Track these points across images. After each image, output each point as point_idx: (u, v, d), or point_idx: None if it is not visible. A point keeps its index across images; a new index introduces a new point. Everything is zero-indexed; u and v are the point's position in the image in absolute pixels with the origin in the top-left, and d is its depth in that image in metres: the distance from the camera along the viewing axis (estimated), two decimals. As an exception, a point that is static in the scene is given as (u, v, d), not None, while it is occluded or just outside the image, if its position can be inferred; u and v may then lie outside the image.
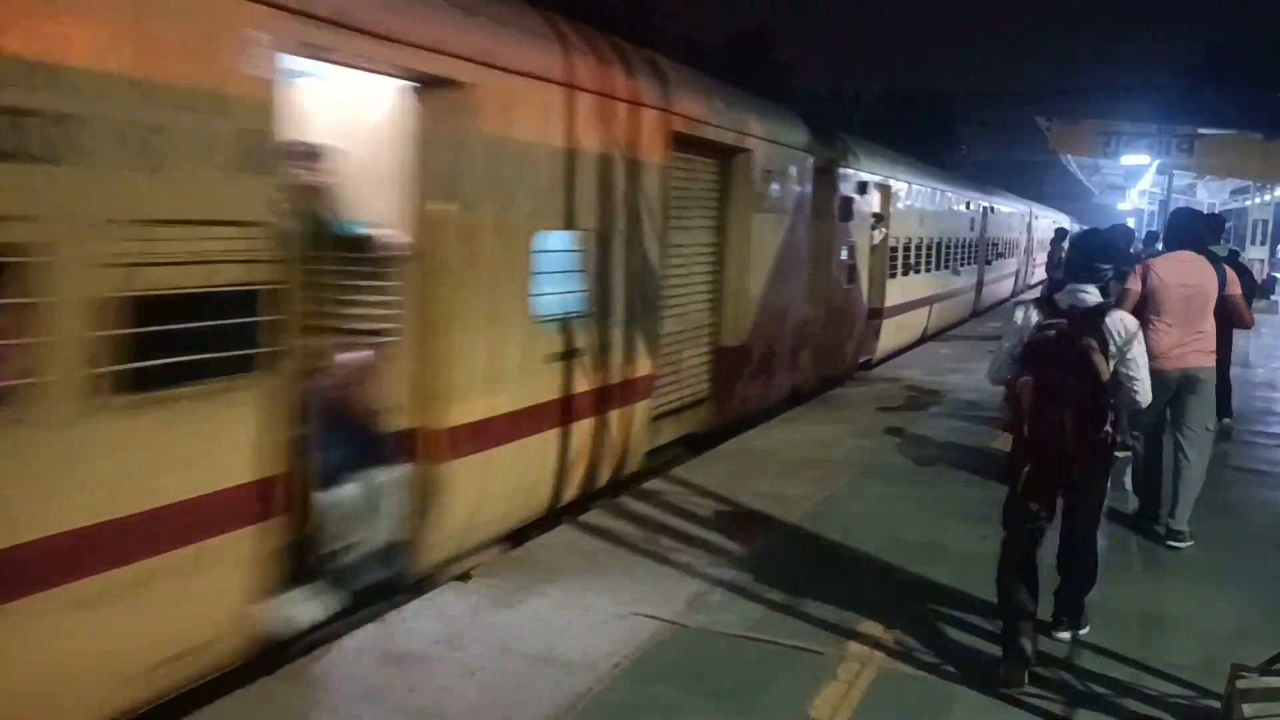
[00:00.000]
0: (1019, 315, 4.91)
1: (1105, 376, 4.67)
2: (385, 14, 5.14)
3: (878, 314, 15.27)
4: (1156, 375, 5.47)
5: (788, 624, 5.39)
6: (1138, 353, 4.85)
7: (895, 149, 17.96)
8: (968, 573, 6.12)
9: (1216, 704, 4.51)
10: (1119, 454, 6.25)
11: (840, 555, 6.52)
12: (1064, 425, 4.61)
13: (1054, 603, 5.34)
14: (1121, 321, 4.84)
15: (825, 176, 12.10)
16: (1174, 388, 6.82)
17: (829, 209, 12.31)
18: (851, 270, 13.49)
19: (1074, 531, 5.19)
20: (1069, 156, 27.71)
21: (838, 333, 13.27)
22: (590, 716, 4.39)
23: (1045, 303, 4.96)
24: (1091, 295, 4.92)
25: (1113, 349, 4.74)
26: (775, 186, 10.42)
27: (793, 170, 10.97)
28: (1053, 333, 4.70)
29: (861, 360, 14.83)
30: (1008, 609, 4.88)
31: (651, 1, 45.43)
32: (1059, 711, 4.53)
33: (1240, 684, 4.24)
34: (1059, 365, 4.64)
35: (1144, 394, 4.93)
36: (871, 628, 5.35)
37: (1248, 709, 4.06)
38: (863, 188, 13.39)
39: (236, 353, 4.35)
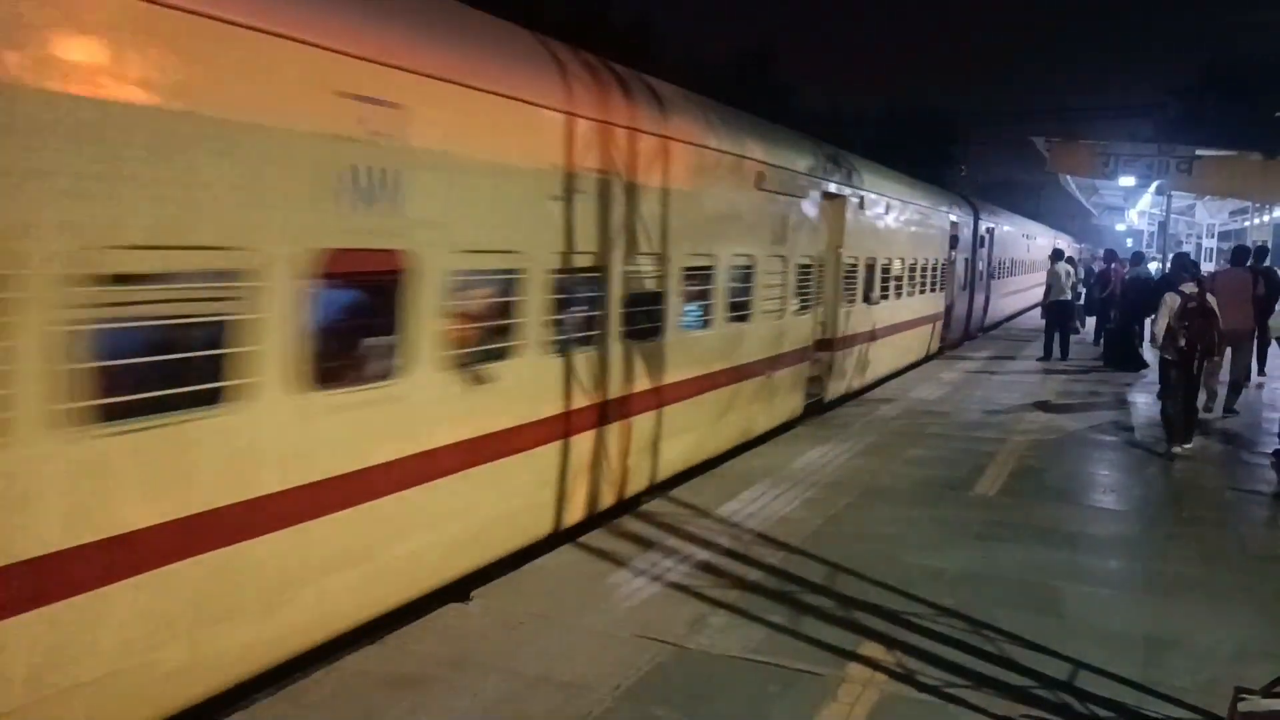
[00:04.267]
0: (1168, 300, 10.63)
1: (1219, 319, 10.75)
2: None
3: None
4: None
5: (788, 646, 5.38)
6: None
7: (896, 168, 17.61)
8: (967, 595, 6.12)
9: (1219, 727, 4.49)
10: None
11: (840, 577, 6.51)
12: (1213, 338, 10.61)
13: (1187, 430, 10.78)
14: (1211, 297, 10.76)
15: None
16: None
17: None
18: None
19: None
20: (1067, 177, 27.82)
21: None
22: (590, 739, 4.39)
23: (1180, 292, 10.57)
24: (1193, 286, 10.67)
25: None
26: None
27: None
28: (1195, 303, 10.47)
29: None
30: (1180, 421, 10.74)
31: (652, 21, 45.77)
32: (1061, 735, 4.52)
33: (1243, 706, 4.21)
34: (1203, 317, 10.45)
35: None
36: (872, 650, 5.34)
37: (1250, 732, 4.04)
38: None
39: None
